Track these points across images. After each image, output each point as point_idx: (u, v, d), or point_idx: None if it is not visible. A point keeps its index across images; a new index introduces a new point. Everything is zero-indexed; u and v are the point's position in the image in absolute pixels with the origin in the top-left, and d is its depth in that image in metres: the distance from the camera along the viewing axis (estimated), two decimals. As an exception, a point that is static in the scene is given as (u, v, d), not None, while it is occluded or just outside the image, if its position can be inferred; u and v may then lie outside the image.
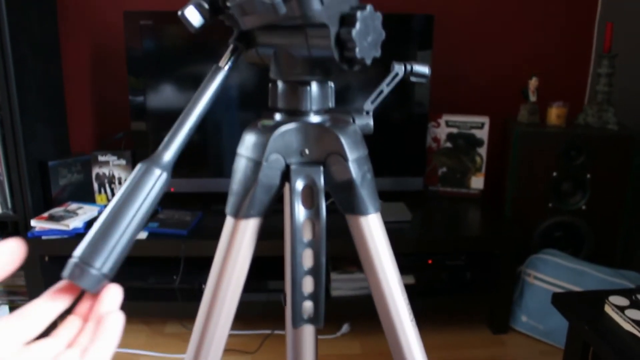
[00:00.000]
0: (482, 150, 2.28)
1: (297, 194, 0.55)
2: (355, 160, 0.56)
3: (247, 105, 2.12)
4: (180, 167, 2.23)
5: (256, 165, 0.55)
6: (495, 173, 2.36)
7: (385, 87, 0.61)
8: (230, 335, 1.89)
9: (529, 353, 1.98)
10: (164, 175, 0.47)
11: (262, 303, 2.00)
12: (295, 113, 0.57)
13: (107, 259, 0.42)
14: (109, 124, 2.40)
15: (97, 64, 2.35)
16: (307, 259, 0.56)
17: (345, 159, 0.55)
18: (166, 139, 0.50)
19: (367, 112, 0.60)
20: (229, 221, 0.56)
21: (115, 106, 2.36)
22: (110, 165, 2.18)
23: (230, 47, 0.56)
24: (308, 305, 0.57)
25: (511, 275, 2.03)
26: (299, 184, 0.55)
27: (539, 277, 2.03)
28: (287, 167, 0.56)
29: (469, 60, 2.38)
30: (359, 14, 0.49)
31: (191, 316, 2.10)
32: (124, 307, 1.54)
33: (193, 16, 0.54)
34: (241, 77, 2.08)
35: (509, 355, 1.96)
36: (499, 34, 2.37)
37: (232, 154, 0.55)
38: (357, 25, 0.49)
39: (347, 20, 0.50)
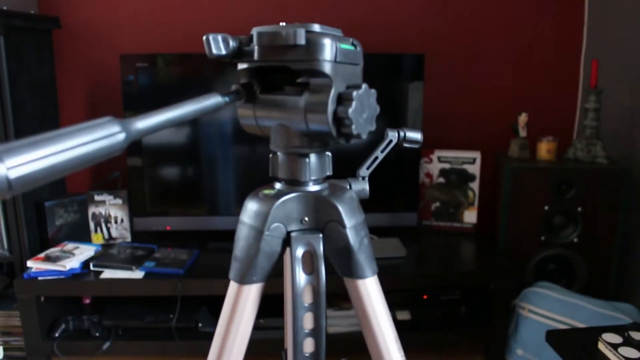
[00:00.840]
0: (475, 185, 2.31)
1: (297, 260, 0.57)
2: (352, 227, 0.58)
3: (241, 143, 2.15)
4: (176, 205, 2.26)
5: (258, 233, 0.57)
6: (488, 207, 2.39)
7: (380, 154, 0.64)
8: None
9: (526, 387, 1.98)
10: (122, 135, 0.43)
11: (257, 341, 1.99)
12: (295, 183, 0.60)
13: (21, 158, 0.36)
14: (104, 164, 2.42)
15: (92, 104, 2.39)
16: (307, 321, 0.58)
17: (343, 226, 0.58)
18: (146, 115, 0.48)
19: (363, 178, 0.63)
20: (232, 286, 0.59)
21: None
22: (107, 205, 2.19)
23: (234, 87, 0.58)
24: (309, 365, 0.59)
25: (506, 308, 2.05)
26: (300, 251, 0.57)
27: (533, 310, 2.05)
28: (288, 234, 0.58)
29: (459, 97, 2.44)
30: (354, 93, 0.53)
31: (188, 355, 2.10)
32: (120, 347, 1.58)
33: (216, 44, 0.55)
34: (235, 114, 2.12)
35: (506, 390, 1.97)
36: (488, 71, 2.42)
37: (227, 192, 0.58)
38: (353, 104, 0.53)
39: (343, 99, 0.53)
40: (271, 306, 1.99)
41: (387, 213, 2.25)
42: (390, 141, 0.64)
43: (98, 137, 0.41)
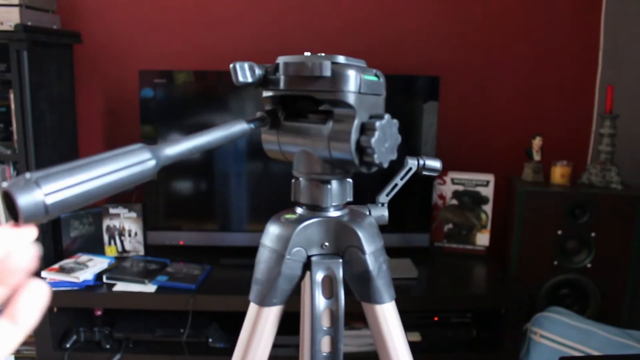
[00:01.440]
0: (488, 208, 2.31)
1: (317, 284, 0.58)
2: (372, 253, 0.59)
3: (255, 160, 2.17)
4: (190, 220, 2.28)
5: (280, 257, 0.59)
6: (501, 230, 2.38)
7: (399, 181, 0.65)
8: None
9: (536, 414, 1.96)
10: (152, 162, 0.45)
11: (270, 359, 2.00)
12: (316, 208, 0.61)
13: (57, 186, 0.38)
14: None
15: (110, 118, 2.42)
16: (325, 345, 0.59)
17: (362, 252, 0.59)
18: (174, 141, 0.50)
19: (382, 204, 0.64)
20: (252, 308, 0.60)
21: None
22: (121, 218, 2.22)
23: (259, 114, 0.60)
24: (326, 390, 0.60)
25: (517, 333, 2.04)
26: (320, 275, 0.59)
27: (545, 335, 2.04)
28: (308, 258, 0.60)
29: (474, 119, 2.44)
30: (377, 123, 0.54)
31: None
32: (131, 359, 1.59)
33: (242, 73, 0.56)
34: (250, 133, 2.14)
35: (516, 416, 1.95)
36: (502, 94, 2.43)
37: (240, 209, 0.59)
38: (376, 134, 0.54)
39: (367, 129, 0.55)
40: (283, 323, 1.99)
41: (399, 233, 2.25)
42: (410, 169, 0.65)
43: (130, 164, 0.43)
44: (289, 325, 2.08)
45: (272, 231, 0.60)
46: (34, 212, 0.37)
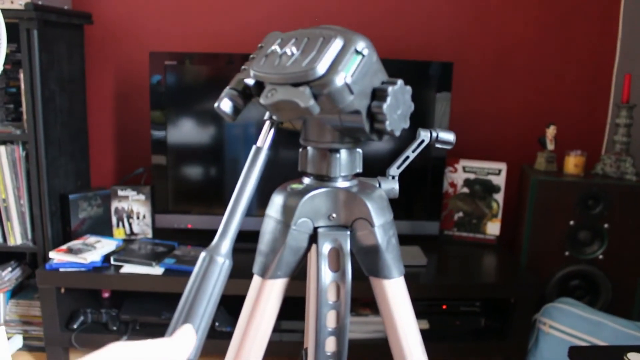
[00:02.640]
0: (499, 196, 2.28)
1: (323, 257, 0.56)
2: (381, 226, 0.57)
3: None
4: (198, 204, 2.27)
5: (285, 227, 0.57)
6: (512, 219, 2.35)
7: (411, 153, 0.63)
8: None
9: (544, 405, 1.95)
10: (227, 263, 0.52)
11: (275, 343, 1.99)
12: (324, 178, 0.59)
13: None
14: (128, 160, 2.44)
15: (120, 99, 2.41)
16: (331, 320, 0.57)
17: (371, 224, 0.57)
18: (222, 226, 0.53)
19: (393, 177, 0.62)
20: (256, 280, 0.58)
21: (136, 142, 2.41)
22: (130, 200, 2.21)
23: (266, 124, 0.58)
24: (330, 365, 0.58)
25: (526, 323, 2.02)
26: (326, 248, 0.57)
27: (554, 326, 2.01)
28: (315, 230, 0.57)
29: (487, 106, 2.41)
30: (390, 89, 0.52)
31: (204, 354, 2.10)
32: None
33: (228, 107, 0.57)
34: (259, 114, 2.12)
35: (523, 407, 1.93)
36: (517, 82, 2.39)
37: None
38: (388, 100, 0.51)
39: (378, 95, 0.52)
40: (289, 309, 1.98)
41: (409, 221, 2.23)
42: (423, 141, 0.63)
43: (216, 277, 0.51)
44: (295, 310, 2.07)
45: (278, 201, 0.58)
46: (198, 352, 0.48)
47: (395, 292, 0.58)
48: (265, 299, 0.57)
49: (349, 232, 0.57)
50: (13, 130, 2.01)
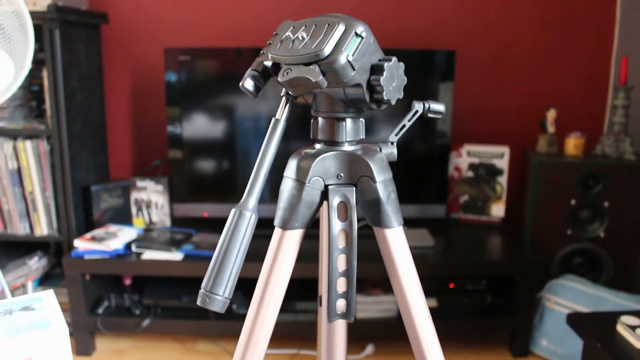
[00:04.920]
0: (503, 179, 2.36)
1: (333, 209, 0.67)
2: (382, 182, 0.67)
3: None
4: (213, 194, 2.36)
5: (300, 185, 0.67)
6: (516, 201, 2.44)
7: (407, 122, 0.72)
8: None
9: (549, 376, 2.03)
10: (254, 217, 0.62)
11: (290, 323, 2.09)
12: (332, 143, 0.69)
13: (226, 287, 0.60)
14: (145, 153, 2.55)
15: (136, 96, 2.52)
16: (341, 263, 0.67)
17: (373, 180, 0.67)
18: (248, 187, 0.63)
19: (392, 143, 0.72)
20: (277, 232, 0.68)
21: (152, 135, 2.52)
22: (148, 191, 2.31)
23: (283, 99, 0.68)
24: (341, 302, 0.68)
25: (531, 300, 2.10)
26: (336, 201, 0.67)
27: (559, 302, 2.09)
28: (326, 187, 0.68)
29: (489, 92, 2.49)
30: (386, 64, 0.62)
31: (223, 334, 2.21)
32: (158, 324, 1.73)
33: (250, 86, 0.67)
34: (270, 107, 2.22)
35: (529, 379, 2.02)
36: (518, 67, 2.47)
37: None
38: (385, 73, 0.62)
39: (376, 70, 0.63)
40: (303, 291, 2.09)
41: (416, 205, 2.31)
42: (417, 111, 0.73)
43: (244, 229, 0.61)
44: (308, 292, 2.17)
45: (294, 164, 0.69)
46: (226, 305, 0.61)
47: (395, 239, 0.68)
48: (285, 247, 0.67)
49: (354, 188, 0.68)
50: (37, 126, 2.12)
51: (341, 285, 0.68)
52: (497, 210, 2.39)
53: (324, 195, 0.68)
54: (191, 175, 2.30)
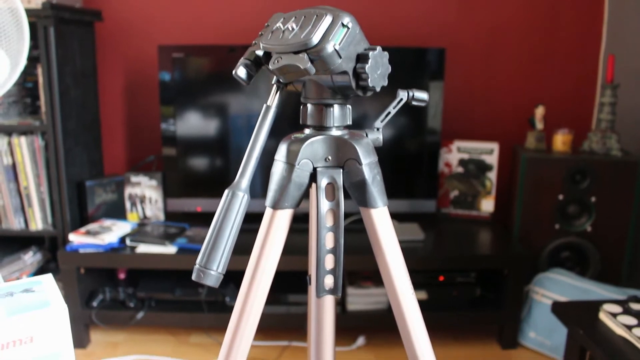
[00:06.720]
0: (492, 175, 2.40)
1: (321, 190, 0.70)
2: (367, 164, 0.71)
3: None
4: (206, 189, 2.39)
5: (290, 167, 0.70)
6: (505, 196, 2.48)
7: (392, 110, 0.76)
8: (251, 346, 2.03)
9: (537, 368, 2.07)
10: (246, 197, 0.65)
11: (281, 315, 2.12)
12: (321, 128, 0.73)
13: (220, 262, 0.63)
14: (139, 148, 2.58)
15: (130, 93, 2.54)
16: (329, 240, 0.71)
17: (359, 163, 0.70)
18: (240, 169, 0.67)
19: (377, 129, 0.75)
20: (268, 212, 0.71)
21: (145, 131, 2.54)
22: (142, 186, 2.34)
23: (274, 87, 0.71)
24: (329, 279, 0.71)
25: (519, 293, 2.14)
26: (324, 182, 0.70)
27: (546, 295, 2.14)
28: (314, 169, 0.71)
29: (479, 89, 2.53)
30: (370, 53, 0.66)
31: (216, 327, 2.24)
32: (152, 317, 1.77)
33: (243, 73, 0.71)
34: (262, 104, 2.25)
35: (518, 370, 2.06)
36: (507, 64, 2.51)
37: (254, 179, 0.71)
38: (370, 62, 0.65)
39: (362, 58, 0.67)
40: (295, 283, 2.12)
41: (407, 200, 2.35)
42: (401, 99, 0.76)
43: (237, 209, 0.64)
44: (300, 284, 2.20)
45: (284, 147, 0.72)
46: (219, 280, 0.63)
47: (380, 219, 0.72)
48: (276, 226, 0.70)
49: (342, 170, 0.71)
50: (32, 122, 2.14)
51: (329, 262, 0.71)
52: (487, 205, 2.43)
53: (313, 177, 0.71)
54: (185, 170, 2.33)
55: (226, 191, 0.65)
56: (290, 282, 2.15)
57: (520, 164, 2.26)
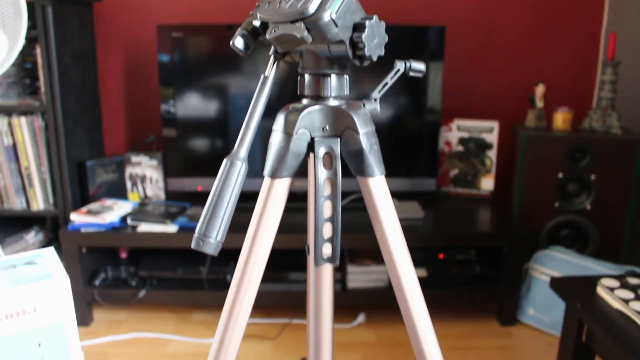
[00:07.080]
0: (492, 153, 2.41)
1: (319, 159, 0.71)
2: (364, 134, 0.71)
3: (266, 116, 2.27)
4: (207, 169, 2.39)
5: (288, 137, 0.70)
6: (504, 175, 2.48)
7: (389, 80, 0.76)
8: (252, 323, 2.05)
9: (536, 344, 2.09)
10: (244, 166, 0.65)
11: (282, 293, 2.14)
12: (318, 98, 0.73)
13: (219, 231, 0.63)
14: (139, 128, 2.58)
15: (130, 73, 2.54)
16: (326, 209, 0.71)
17: (357, 132, 0.71)
18: (239, 138, 0.67)
19: (375, 99, 0.76)
20: (266, 181, 0.72)
21: (145, 111, 2.54)
22: (143, 166, 2.35)
23: (272, 57, 0.71)
24: (327, 247, 0.72)
25: (519, 270, 2.15)
26: (321, 152, 0.71)
27: (545, 272, 2.15)
28: (312, 139, 0.72)
29: (479, 67, 2.52)
30: (367, 22, 0.66)
31: (217, 304, 2.26)
32: (154, 295, 1.79)
33: (240, 44, 0.71)
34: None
35: (517, 346, 2.08)
36: (507, 43, 2.50)
37: (254, 158, 0.71)
38: (366, 31, 0.66)
39: (358, 28, 0.67)
40: (296, 261, 2.13)
41: (407, 178, 2.36)
42: (398, 70, 0.76)
43: (236, 177, 0.64)
44: (300, 262, 2.22)
45: (282, 117, 0.72)
46: (219, 248, 0.64)
47: (377, 188, 0.72)
48: (274, 194, 0.71)
49: (339, 140, 0.72)
50: (32, 102, 2.14)
51: (327, 230, 0.72)
52: (487, 183, 2.43)
53: (310, 146, 0.72)
54: (185, 150, 2.33)
55: (225, 160, 0.65)
56: (290, 259, 2.17)
57: (520, 142, 2.26)
